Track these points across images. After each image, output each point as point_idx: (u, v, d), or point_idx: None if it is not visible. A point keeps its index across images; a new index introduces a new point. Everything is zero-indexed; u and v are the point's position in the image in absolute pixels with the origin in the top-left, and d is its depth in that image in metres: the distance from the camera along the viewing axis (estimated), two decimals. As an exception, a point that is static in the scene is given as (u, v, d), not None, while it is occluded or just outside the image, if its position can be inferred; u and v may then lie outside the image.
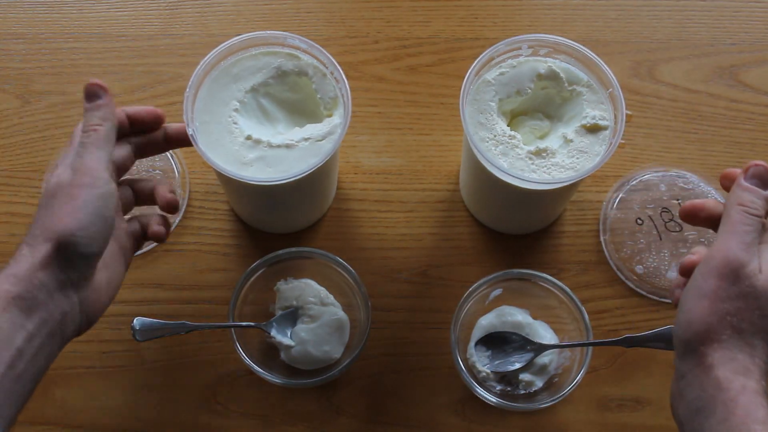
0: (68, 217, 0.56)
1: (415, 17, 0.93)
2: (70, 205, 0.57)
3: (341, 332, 0.78)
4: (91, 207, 0.57)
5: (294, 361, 0.76)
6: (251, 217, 0.83)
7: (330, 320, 0.77)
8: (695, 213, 0.62)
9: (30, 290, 0.55)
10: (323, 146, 0.71)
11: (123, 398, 0.79)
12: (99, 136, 0.60)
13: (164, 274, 0.83)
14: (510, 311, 0.79)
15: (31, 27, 0.92)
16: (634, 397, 0.79)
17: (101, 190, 0.58)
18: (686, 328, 0.55)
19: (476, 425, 0.79)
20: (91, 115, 0.61)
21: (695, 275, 0.57)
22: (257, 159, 0.70)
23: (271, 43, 0.74)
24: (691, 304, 0.55)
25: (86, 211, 0.57)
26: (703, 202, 0.62)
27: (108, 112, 0.62)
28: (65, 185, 0.58)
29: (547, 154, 0.72)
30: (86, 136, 0.60)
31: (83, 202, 0.57)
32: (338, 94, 0.73)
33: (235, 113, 0.72)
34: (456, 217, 0.85)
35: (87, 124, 0.61)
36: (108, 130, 0.61)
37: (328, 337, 0.77)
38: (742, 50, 0.91)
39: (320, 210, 0.84)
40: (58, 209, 0.57)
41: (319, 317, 0.77)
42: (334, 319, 0.77)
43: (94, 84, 0.62)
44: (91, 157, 0.59)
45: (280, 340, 0.76)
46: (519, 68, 0.75)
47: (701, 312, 0.54)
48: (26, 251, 0.56)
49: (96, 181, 0.58)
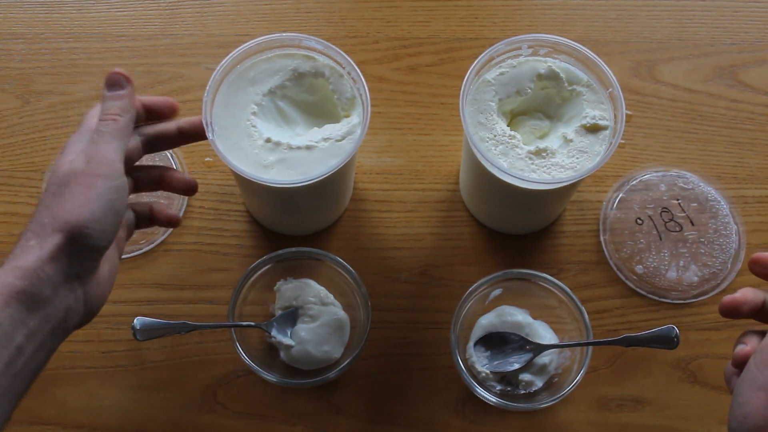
0: (82, 208, 0.54)
1: (415, 17, 0.93)
2: (85, 195, 0.54)
3: (341, 332, 0.78)
4: (104, 199, 0.55)
5: (294, 360, 0.76)
6: (269, 220, 0.83)
7: (330, 320, 0.77)
8: (737, 308, 0.57)
9: (36, 284, 0.53)
10: (343, 146, 0.71)
11: (123, 398, 0.79)
12: (117, 126, 0.58)
13: (164, 274, 0.83)
14: (510, 311, 0.79)
15: (31, 27, 0.92)
16: (634, 397, 0.79)
17: (116, 182, 0.56)
18: (742, 422, 0.52)
19: (476, 425, 0.79)
20: (112, 104, 0.59)
21: (749, 366, 0.53)
22: (277, 161, 0.70)
23: (286, 45, 0.74)
24: (746, 397, 0.52)
25: (100, 203, 0.55)
26: (743, 295, 0.57)
27: (128, 104, 0.60)
28: (79, 173, 0.56)
29: (547, 154, 0.72)
30: (104, 124, 0.58)
31: (97, 193, 0.55)
32: (356, 94, 0.73)
33: (254, 116, 0.72)
34: (456, 217, 0.85)
35: (106, 113, 0.59)
36: (127, 122, 0.59)
37: (328, 337, 0.77)
38: (742, 50, 0.91)
39: (338, 211, 0.84)
40: (70, 198, 0.55)
41: (319, 317, 0.77)
42: (334, 319, 0.77)
43: (119, 73, 0.60)
44: (108, 147, 0.57)
45: (281, 339, 0.76)
46: (519, 68, 0.75)
47: (758, 405, 0.51)
48: (34, 242, 0.54)
49: (112, 172, 0.56)
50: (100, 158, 0.56)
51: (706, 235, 0.84)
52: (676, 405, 0.79)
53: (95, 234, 0.54)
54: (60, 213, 0.54)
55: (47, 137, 0.88)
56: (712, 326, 0.82)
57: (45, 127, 0.88)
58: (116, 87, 0.60)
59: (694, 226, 0.84)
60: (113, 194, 0.56)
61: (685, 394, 0.79)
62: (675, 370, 0.80)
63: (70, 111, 0.89)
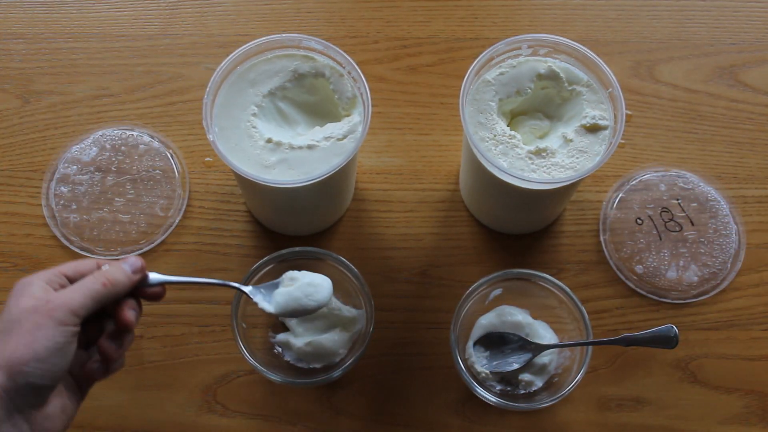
0: (25, 348, 0.53)
1: (415, 17, 0.93)
2: (31, 335, 0.54)
3: (349, 329, 0.78)
4: (51, 341, 0.54)
5: (301, 354, 0.76)
6: (271, 221, 0.83)
7: (340, 317, 0.77)
8: None
9: None
10: (345, 145, 0.71)
11: (123, 398, 0.79)
12: (103, 291, 0.57)
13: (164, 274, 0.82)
14: (510, 311, 0.79)
15: (31, 27, 0.92)
16: (634, 397, 0.79)
17: (68, 329, 0.55)
18: None
19: (476, 425, 0.79)
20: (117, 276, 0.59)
21: None
22: (279, 162, 0.71)
23: (286, 45, 0.74)
24: None
25: (46, 344, 0.54)
26: None
27: (126, 288, 0.59)
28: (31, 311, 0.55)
29: (547, 153, 0.72)
30: (94, 281, 0.57)
31: (44, 334, 0.54)
32: (356, 93, 0.73)
33: (254, 117, 0.72)
34: (456, 217, 0.85)
35: (105, 275, 0.58)
36: (110, 296, 0.58)
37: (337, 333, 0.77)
38: (742, 50, 0.91)
39: (339, 211, 0.84)
40: (16, 336, 0.54)
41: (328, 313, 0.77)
42: (344, 316, 0.77)
43: (143, 265, 0.60)
44: (77, 299, 0.56)
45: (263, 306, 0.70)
46: (519, 68, 0.75)
47: None
48: None
49: (67, 319, 0.55)
50: (60, 304, 0.55)
51: (706, 235, 0.84)
52: (676, 405, 0.79)
53: (37, 372, 0.54)
54: (3, 351, 0.54)
55: (47, 137, 0.88)
56: (712, 326, 0.82)
57: (45, 127, 0.88)
58: (136, 271, 0.60)
59: (694, 226, 0.84)
60: (61, 338, 0.55)
61: (685, 394, 0.79)
62: (675, 369, 0.80)
63: (70, 111, 0.89)
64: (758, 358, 0.81)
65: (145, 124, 0.88)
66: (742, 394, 0.80)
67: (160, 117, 0.88)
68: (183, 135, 0.88)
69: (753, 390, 0.80)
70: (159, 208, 0.85)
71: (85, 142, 0.87)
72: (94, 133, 0.87)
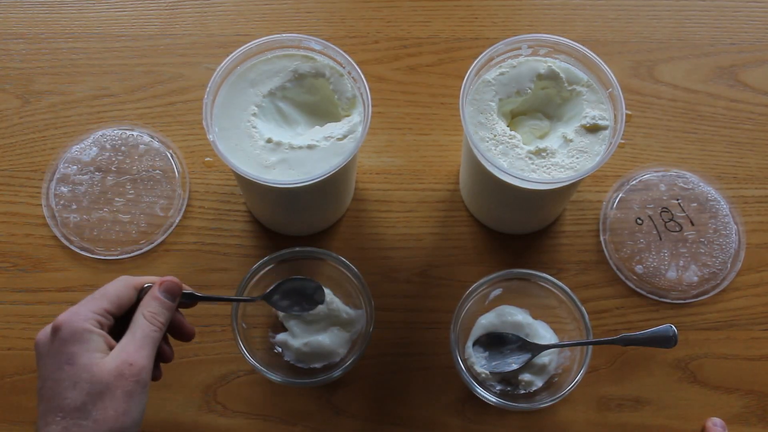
0: (125, 416, 0.58)
1: (415, 17, 0.93)
2: (126, 403, 0.58)
3: (349, 329, 0.78)
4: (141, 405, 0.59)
5: (301, 354, 0.76)
6: (271, 221, 0.83)
7: (340, 317, 0.77)
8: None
9: None
10: (345, 145, 0.71)
11: (123, 398, 0.79)
12: (160, 334, 0.62)
13: (164, 274, 0.82)
14: (510, 311, 0.79)
15: (31, 27, 0.92)
16: (634, 397, 0.79)
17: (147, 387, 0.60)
18: None
19: (476, 425, 0.79)
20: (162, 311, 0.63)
21: None
22: (279, 162, 0.71)
23: (286, 45, 0.74)
24: None
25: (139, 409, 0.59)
26: None
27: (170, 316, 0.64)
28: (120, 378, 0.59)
29: (546, 154, 0.72)
30: (153, 329, 0.62)
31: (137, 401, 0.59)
32: (356, 93, 0.73)
33: (254, 117, 0.72)
34: (456, 217, 0.85)
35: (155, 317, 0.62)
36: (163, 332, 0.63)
37: (336, 333, 0.77)
38: (742, 50, 0.91)
39: (340, 211, 0.84)
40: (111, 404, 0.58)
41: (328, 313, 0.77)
42: (344, 316, 0.77)
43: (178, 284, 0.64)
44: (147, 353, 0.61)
45: None
46: (519, 68, 0.75)
47: None
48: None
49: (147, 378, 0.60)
50: (141, 367, 0.60)
51: (705, 235, 0.84)
52: (676, 405, 0.79)
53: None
54: (105, 419, 0.57)
55: (47, 137, 0.88)
56: (712, 326, 0.82)
57: (45, 127, 0.88)
58: (170, 296, 0.64)
59: (693, 226, 0.84)
60: (146, 397, 0.60)
61: (685, 393, 0.79)
62: (675, 369, 0.80)
63: (70, 111, 0.89)
64: (758, 358, 0.81)
65: (145, 124, 0.88)
66: (742, 394, 0.80)
67: (160, 117, 0.88)
68: (183, 135, 0.88)
69: (753, 390, 0.80)
70: (159, 208, 0.85)
71: (85, 142, 0.87)
72: (94, 133, 0.87)
